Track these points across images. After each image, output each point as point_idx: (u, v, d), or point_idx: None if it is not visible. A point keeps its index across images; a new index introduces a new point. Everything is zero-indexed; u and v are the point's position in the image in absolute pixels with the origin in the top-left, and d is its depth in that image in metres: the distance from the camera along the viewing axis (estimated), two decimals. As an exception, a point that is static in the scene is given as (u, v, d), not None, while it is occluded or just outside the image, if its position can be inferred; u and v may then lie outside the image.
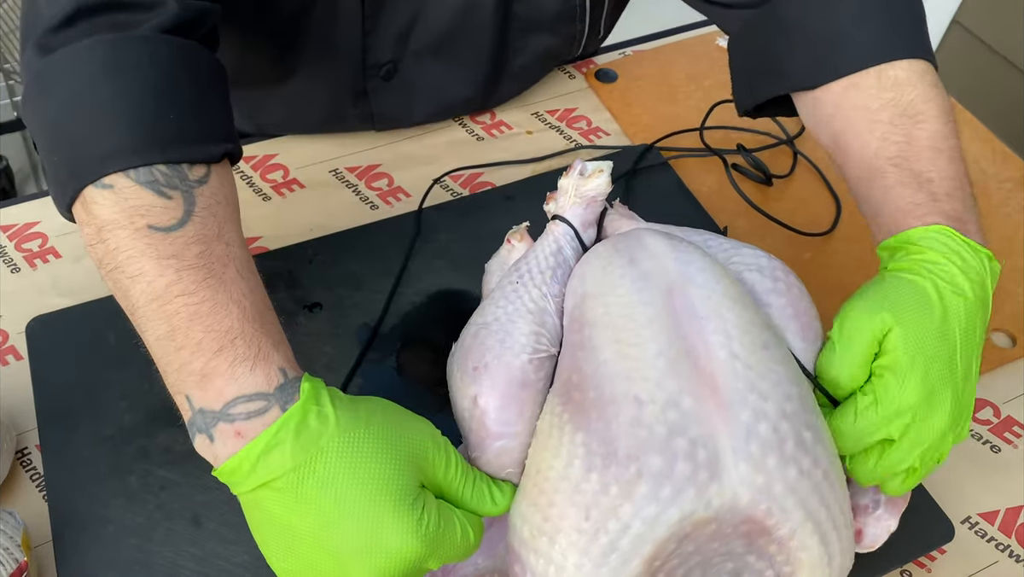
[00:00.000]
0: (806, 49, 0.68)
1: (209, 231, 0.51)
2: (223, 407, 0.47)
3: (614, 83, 0.97)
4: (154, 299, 0.49)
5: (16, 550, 0.57)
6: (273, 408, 0.47)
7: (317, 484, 0.46)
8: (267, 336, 0.50)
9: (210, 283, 0.49)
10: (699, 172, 0.88)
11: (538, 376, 0.53)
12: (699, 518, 0.44)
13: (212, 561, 0.59)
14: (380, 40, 0.82)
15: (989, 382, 0.75)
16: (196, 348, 0.48)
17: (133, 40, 0.53)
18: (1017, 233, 0.86)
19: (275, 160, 0.88)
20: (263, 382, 0.48)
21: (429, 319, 0.74)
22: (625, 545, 0.44)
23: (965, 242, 0.57)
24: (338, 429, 0.47)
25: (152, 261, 0.49)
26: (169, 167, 0.51)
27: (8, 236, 0.80)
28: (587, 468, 0.46)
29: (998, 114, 1.79)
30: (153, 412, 0.66)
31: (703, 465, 0.45)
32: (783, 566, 0.47)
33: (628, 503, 0.44)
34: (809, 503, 0.46)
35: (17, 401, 0.68)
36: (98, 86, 0.51)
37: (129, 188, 0.50)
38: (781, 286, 0.56)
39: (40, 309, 0.73)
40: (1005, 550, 0.66)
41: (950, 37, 2.05)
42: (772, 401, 0.47)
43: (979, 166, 0.92)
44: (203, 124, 0.55)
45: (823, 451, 0.48)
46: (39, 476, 0.65)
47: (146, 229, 0.49)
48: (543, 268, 0.58)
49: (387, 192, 0.86)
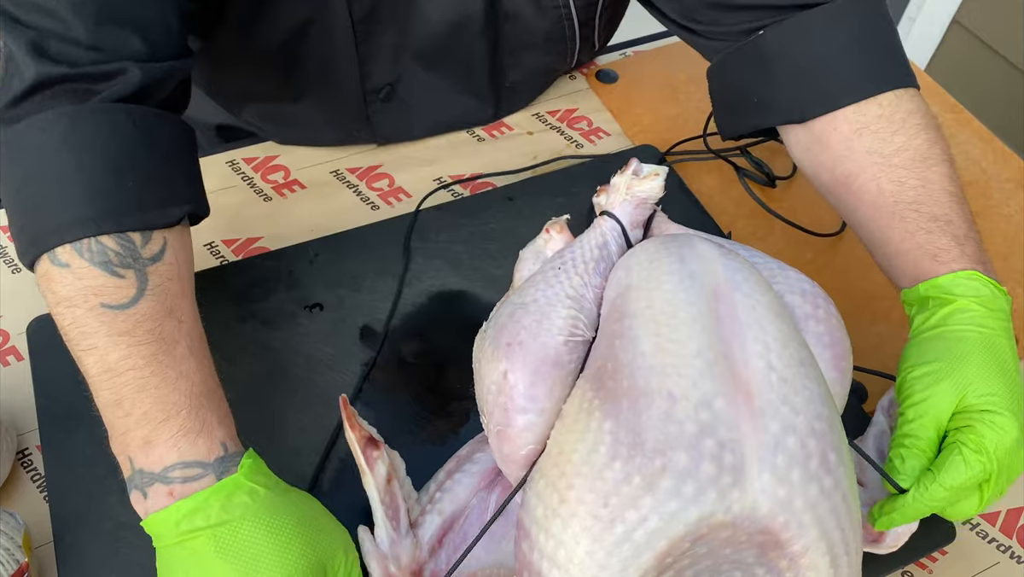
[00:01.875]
0: (789, 82, 0.69)
1: (160, 308, 0.54)
2: (161, 470, 0.51)
3: (615, 84, 0.97)
4: (105, 371, 0.52)
5: (17, 551, 0.57)
6: (208, 476, 0.51)
7: (232, 546, 0.49)
8: (213, 412, 0.53)
9: (160, 359, 0.52)
10: (700, 173, 0.88)
11: (571, 358, 0.53)
12: (717, 521, 0.44)
13: (213, 562, 0.59)
14: (376, 64, 0.82)
15: (990, 383, 0.75)
16: (142, 417, 0.52)
17: (93, 113, 0.55)
18: (1017, 233, 0.85)
19: (276, 161, 0.88)
20: (204, 452, 0.52)
21: (430, 319, 0.74)
22: (640, 538, 0.44)
23: (990, 283, 0.59)
24: (264, 505, 0.51)
25: (104, 337, 0.52)
26: (122, 245, 0.54)
27: (8, 236, 0.80)
28: (612, 456, 0.46)
29: (998, 114, 1.80)
30: (154, 413, 0.66)
31: (728, 469, 0.44)
32: None
33: (649, 496, 0.44)
34: (826, 523, 0.46)
35: (18, 401, 0.68)
36: (58, 158, 0.54)
37: (83, 268, 0.53)
38: (821, 313, 0.56)
39: (41, 309, 0.73)
40: (1006, 551, 0.66)
41: (950, 37, 2.05)
42: (803, 417, 0.47)
43: (979, 166, 0.92)
44: (162, 191, 0.57)
45: (844, 474, 0.47)
46: (40, 477, 0.65)
47: (99, 307, 0.53)
48: (587, 259, 0.58)
49: (388, 192, 0.86)
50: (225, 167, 0.87)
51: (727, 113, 0.76)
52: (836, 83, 0.66)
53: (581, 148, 0.91)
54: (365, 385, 0.69)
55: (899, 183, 0.63)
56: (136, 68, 0.56)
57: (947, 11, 2.01)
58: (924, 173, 0.63)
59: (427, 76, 0.85)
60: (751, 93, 0.72)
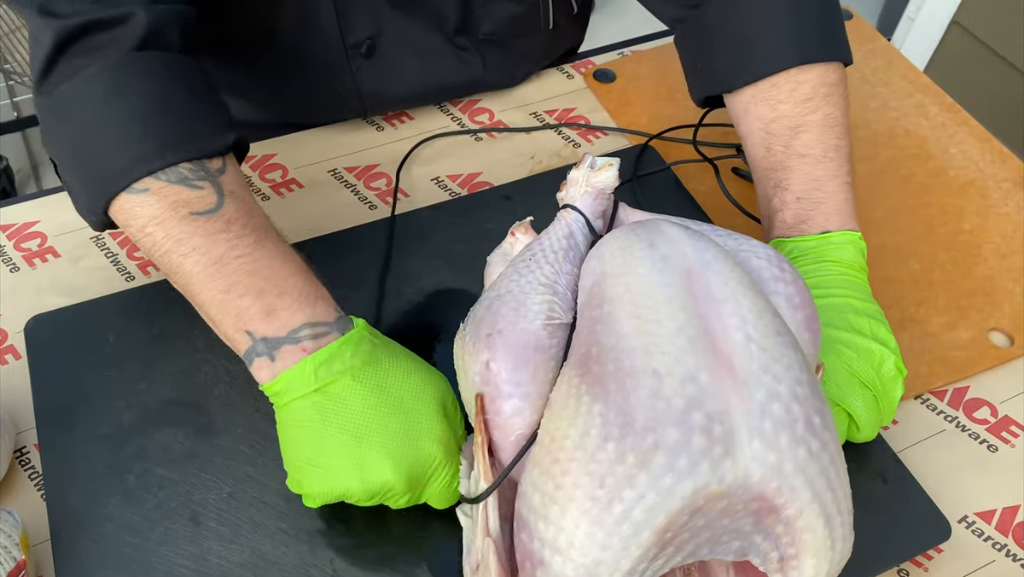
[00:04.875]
0: (724, 53, 0.73)
1: (244, 208, 0.58)
2: (289, 333, 0.56)
3: (612, 83, 0.97)
4: (212, 264, 0.56)
5: (14, 549, 0.57)
6: (333, 332, 0.56)
7: (375, 379, 0.56)
8: (317, 286, 0.59)
9: (263, 243, 0.57)
10: (697, 173, 0.88)
11: (551, 343, 0.55)
12: (712, 492, 0.45)
13: (210, 560, 0.60)
14: (355, 15, 0.83)
15: (987, 382, 0.75)
16: (259, 293, 0.56)
17: (130, 62, 0.59)
18: (1015, 233, 0.86)
19: (274, 160, 0.88)
20: (324, 313, 0.57)
21: (428, 318, 0.74)
22: (638, 515, 0.44)
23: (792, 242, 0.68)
24: (388, 351, 0.58)
25: (203, 238, 0.56)
26: (191, 162, 0.57)
27: (7, 236, 0.80)
28: (604, 437, 0.46)
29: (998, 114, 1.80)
30: (151, 411, 0.66)
31: (718, 440, 0.45)
32: (788, 548, 0.48)
33: (644, 473, 0.45)
34: (816, 484, 0.47)
35: (16, 400, 0.68)
36: (108, 109, 0.58)
37: (164, 188, 0.57)
38: (788, 276, 0.58)
39: (39, 308, 0.73)
40: (1002, 549, 0.66)
41: (950, 37, 2.05)
42: (785, 384, 0.48)
43: (977, 166, 0.92)
44: (207, 122, 0.61)
45: (830, 437, 0.48)
46: (37, 475, 0.65)
47: (189, 216, 0.56)
48: (555, 248, 0.60)
49: (386, 192, 0.86)
50: (223, 166, 0.87)
51: (689, 81, 0.81)
52: (761, 54, 0.71)
53: (579, 148, 0.91)
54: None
55: (767, 149, 0.70)
56: (142, 12, 0.59)
57: (947, 11, 2.01)
58: (789, 141, 0.69)
59: (405, 27, 0.86)
60: (696, 61, 0.77)
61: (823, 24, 0.72)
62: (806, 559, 0.48)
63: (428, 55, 0.89)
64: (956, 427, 0.72)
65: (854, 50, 1.03)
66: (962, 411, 0.73)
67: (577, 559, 0.45)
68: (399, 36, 0.86)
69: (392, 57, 0.87)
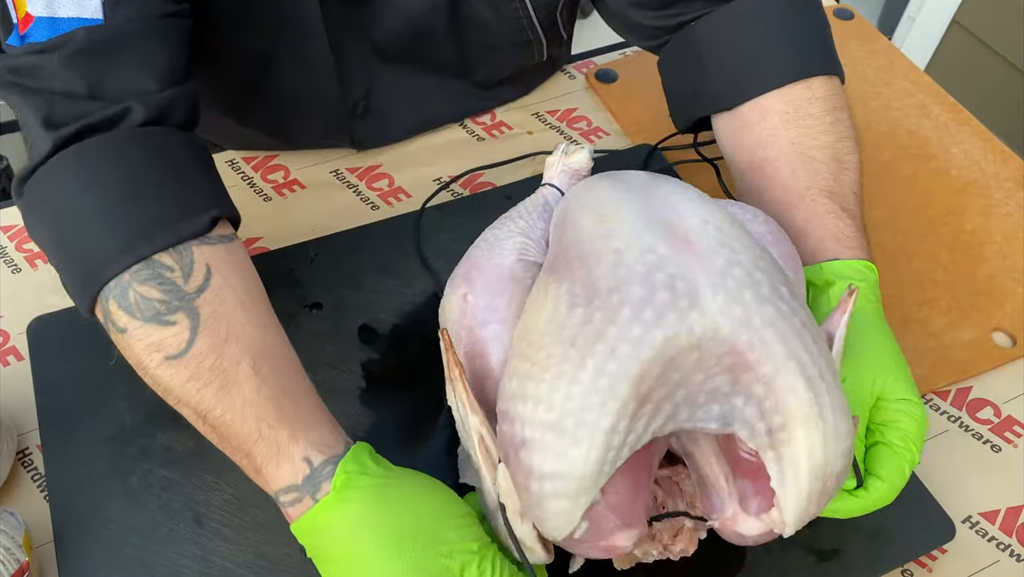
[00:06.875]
0: (718, 71, 0.72)
1: (217, 338, 0.53)
2: (276, 498, 0.53)
3: (614, 83, 0.97)
4: (198, 419, 0.54)
5: (17, 550, 0.57)
6: (305, 498, 0.51)
7: (354, 552, 0.49)
8: (285, 427, 0.52)
9: (227, 390, 0.52)
10: (699, 172, 0.88)
11: (525, 275, 0.57)
12: (682, 343, 0.45)
13: (214, 561, 0.59)
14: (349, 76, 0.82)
15: (989, 382, 0.75)
16: (237, 453, 0.54)
17: (98, 144, 0.55)
18: (1017, 233, 0.86)
19: (276, 161, 0.88)
20: (289, 476, 0.52)
21: (429, 319, 0.74)
22: (612, 368, 0.45)
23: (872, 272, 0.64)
24: (350, 538, 0.49)
25: (179, 389, 0.53)
26: (165, 290, 0.53)
27: (9, 236, 0.80)
28: (571, 306, 0.48)
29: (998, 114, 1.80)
30: (154, 412, 0.66)
31: (682, 294, 0.46)
32: (773, 415, 0.47)
33: (613, 326, 0.46)
34: (789, 343, 0.46)
35: (18, 401, 0.68)
36: (77, 200, 0.55)
37: (139, 329, 0.53)
38: (761, 218, 0.59)
39: (41, 309, 0.73)
40: (1006, 549, 0.66)
41: (950, 37, 2.05)
42: (746, 255, 0.49)
43: (979, 166, 0.92)
44: (184, 202, 0.56)
45: (799, 306, 0.48)
46: (40, 476, 0.65)
47: (164, 362, 0.53)
48: (530, 209, 0.65)
49: (388, 192, 0.86)
50: (225, 167, 0.87)
51: (674, 105, 0.80)
52: (762, 71, 0.70)
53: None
54: (364, 384, 0.69)
55: (815, 173, 0.67)
56: (139, 105, 0.56)
57: (947, 11, 2.01)
58: (839, 174, 0.67)
59: (397, 79, 0.85)
60: (687, 84, 0.76)
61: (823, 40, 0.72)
62: (795, 429, 0.47)
63: (422, 99, 0.88)
64: (959, 427, 0.72)
65: (855, 50, 1.03)
66: (965, 411, 0.73)
67: (558, 423, 0.45)
68: (391, 88, 0.85)
69: (385, 110, 0.86)
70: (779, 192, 0.67)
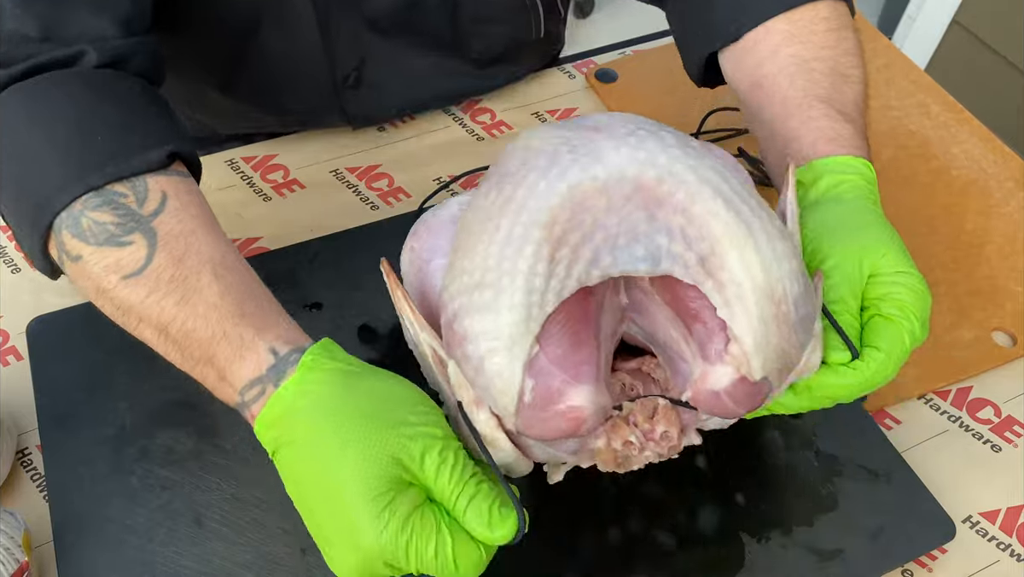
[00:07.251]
0: (725, 3, 0.71)
1: (175, 253, 0.53)
2: (239, 401, 0.51)
3: (615, 83, 0.97)
4: (158, 332, 0.53)
5: (17, 550, 0.57)
6: (268, 388, 0.50)
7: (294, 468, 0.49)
8: (249, 325, 0.51)
9: (187, 299, 0.52)
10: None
11: None
12: (587, 188, 0.47)
13: (214, 561, 0.59)
14: (340, 46, 0.82)
15: (990, 382, 0.75)
16: (201, 360, 0.52)
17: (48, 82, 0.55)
18: (1017, 233, 0.86)
19: (275, 160, 0.88)
20: (253, 368, 0.50)
21: (430, 319, 0.74)
22: (524, 219, 0.47)
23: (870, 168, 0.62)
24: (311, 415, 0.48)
25: (139, 305, 0.52)
26: (118, 213, 0.53)
27: (7, 236, 0.80)
28: (485, 195, 0.50)
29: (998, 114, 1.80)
30: (154, 412, 0.66)
31: (586, 154, 0.48)
32: (700, 243, 0.46)
33: (521, 189, 0.48)
34: (701, 171, 0.47)
35: (18, 401, 0.68)
36: (28, 134, 0.54)
37: (94, 253, 0.53)
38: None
39: (40, 309, 0.73)
40: (1006, 549, 0.66)
41: (950, 37, 2.05)
42: (655, 126, 0.51)
43: (979, 165, 0.92)
44: (135, 138, 0.56)
45: (718, 156, 0.49)
46: (40, 476, 0.65)
47: (122, 281, 0.52)
48: None
49: (387, 192, 0.86)
50: (224, 166, 0.87)
51: (685, 52, 0.78)
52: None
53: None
54: (365, 384, 0.69)
55: (813, 82, 0.66)
56: (93, 50, 0.56)
57: (947, 11, 2.01)
58: (840, 85, 0.66)
59: (390, 52, 0.85)
60: (696, 24, 0.75)
61: None
62: (726, 252, 0.46)
63: (415, 75, 0.88)
64: (960, 427, 0.72)
65: (856, 50, 1.03)
66: (966, 411, 0.73)
67: (481, 281, 0.47)
68: (384, 61, 0.85)
69: (378, 82, 0.86)
70: (778, 107, 0.66)
